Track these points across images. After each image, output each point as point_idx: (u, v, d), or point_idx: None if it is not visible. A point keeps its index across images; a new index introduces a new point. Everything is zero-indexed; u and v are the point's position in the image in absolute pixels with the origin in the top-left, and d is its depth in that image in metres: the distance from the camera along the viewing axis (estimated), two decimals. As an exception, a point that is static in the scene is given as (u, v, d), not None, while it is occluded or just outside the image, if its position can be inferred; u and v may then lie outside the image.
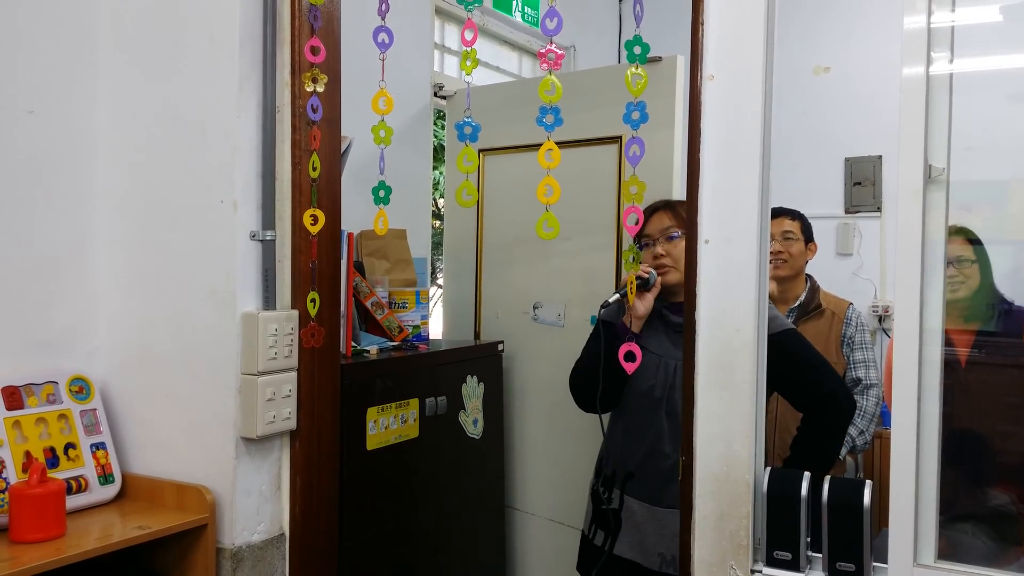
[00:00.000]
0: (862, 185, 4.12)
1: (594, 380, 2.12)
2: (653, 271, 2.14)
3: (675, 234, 2.16)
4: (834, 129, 4.13)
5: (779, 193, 1.67)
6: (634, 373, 2.14)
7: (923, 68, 1.34)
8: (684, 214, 2.12)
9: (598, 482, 2.29)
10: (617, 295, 2.12)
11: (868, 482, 1.43)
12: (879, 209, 4.08)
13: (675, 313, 2.16)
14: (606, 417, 2.27)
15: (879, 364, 2.93)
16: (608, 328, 2.18)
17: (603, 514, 2.24)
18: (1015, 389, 1.79)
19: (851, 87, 4.06)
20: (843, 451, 2.84)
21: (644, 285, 2.12)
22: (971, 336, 1.97)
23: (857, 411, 2.85)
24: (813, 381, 2.10)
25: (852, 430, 2.84)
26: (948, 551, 1.38)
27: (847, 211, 4.16)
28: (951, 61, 1.36)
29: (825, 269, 3.25)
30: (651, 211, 2.25)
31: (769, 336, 1.51)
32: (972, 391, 1.74)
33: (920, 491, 1.38)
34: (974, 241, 2.04)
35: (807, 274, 2.96)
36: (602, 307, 2.13)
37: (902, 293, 1.37)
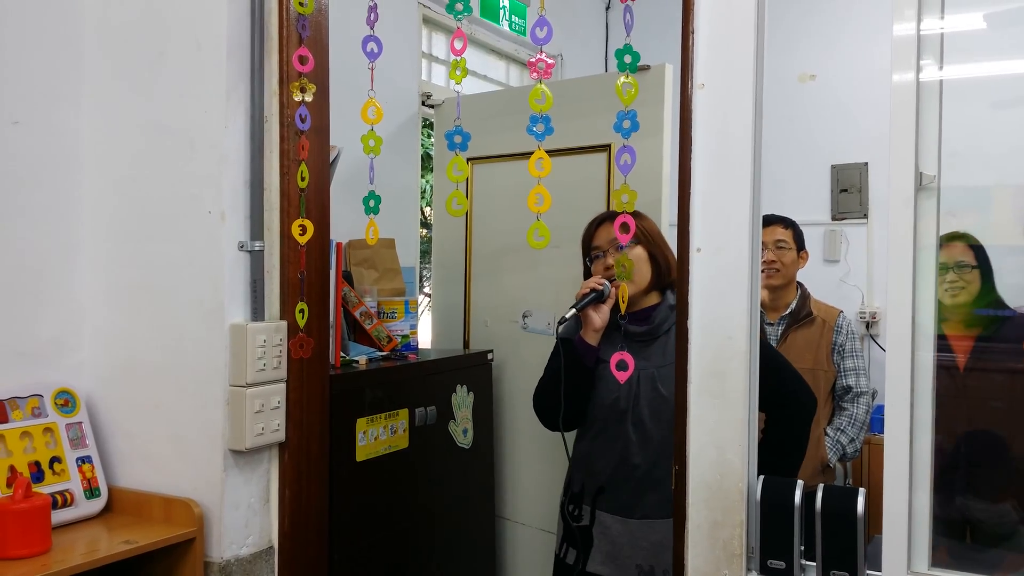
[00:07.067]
0: (848, 192, 4.14)
1: (556, 398, 2.09)
2: (607, 283, 2.11)
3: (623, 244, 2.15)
4: (820, 136, 4.16)
5: (766, 200, 1.66)
6: (598, 386, 2.14)
7: (913, 75, 1.35)
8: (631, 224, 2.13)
9: (567, 500, 2.26)
10: (573, 310, 2.08)
11: (861, 490, 1.43)
12: (866, 216, 4.10)
13: (633, 323, 2.15)
14: (570, 436, 2.21)
15: (870, 371, 2.94)
16: (566, 344, 2.15)
17: (573, 532, 2.21)
18: (1015, 394, 1.78)
19: (837, 94, 4.08)
20: (834, 459, 2.84)
21: (599, 297, 2.10)
22: (971, 342, 1.96)
23: (848, 419, 2.86)
24: (775, 382, 2.05)
25: (843, 438, 2.84)
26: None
27: (834, 218, 4.19)
28: (940, 68, 1.36)
29: (812, 276, 3.26)
30: (597, 223, 2.25)
31: None
32: (969, 396, 1.74)
33: (914, 497, 1.37)
34: (975, 247, 2.04)
35: (798, 282, 2.97)
36: (560, 323, 2.10)
37: (894, 300, 1.37)
